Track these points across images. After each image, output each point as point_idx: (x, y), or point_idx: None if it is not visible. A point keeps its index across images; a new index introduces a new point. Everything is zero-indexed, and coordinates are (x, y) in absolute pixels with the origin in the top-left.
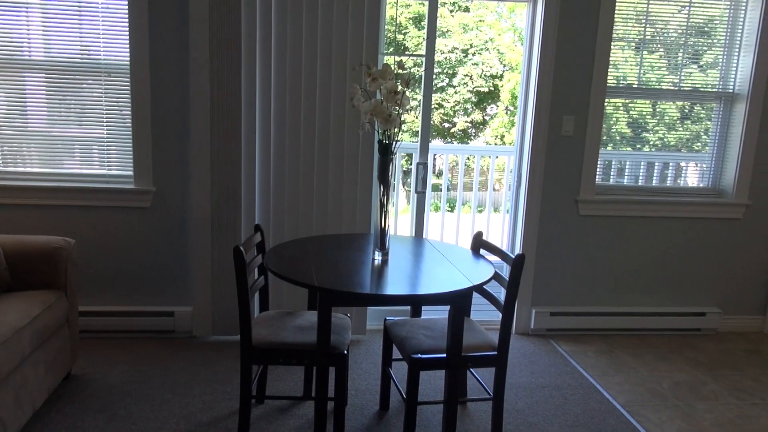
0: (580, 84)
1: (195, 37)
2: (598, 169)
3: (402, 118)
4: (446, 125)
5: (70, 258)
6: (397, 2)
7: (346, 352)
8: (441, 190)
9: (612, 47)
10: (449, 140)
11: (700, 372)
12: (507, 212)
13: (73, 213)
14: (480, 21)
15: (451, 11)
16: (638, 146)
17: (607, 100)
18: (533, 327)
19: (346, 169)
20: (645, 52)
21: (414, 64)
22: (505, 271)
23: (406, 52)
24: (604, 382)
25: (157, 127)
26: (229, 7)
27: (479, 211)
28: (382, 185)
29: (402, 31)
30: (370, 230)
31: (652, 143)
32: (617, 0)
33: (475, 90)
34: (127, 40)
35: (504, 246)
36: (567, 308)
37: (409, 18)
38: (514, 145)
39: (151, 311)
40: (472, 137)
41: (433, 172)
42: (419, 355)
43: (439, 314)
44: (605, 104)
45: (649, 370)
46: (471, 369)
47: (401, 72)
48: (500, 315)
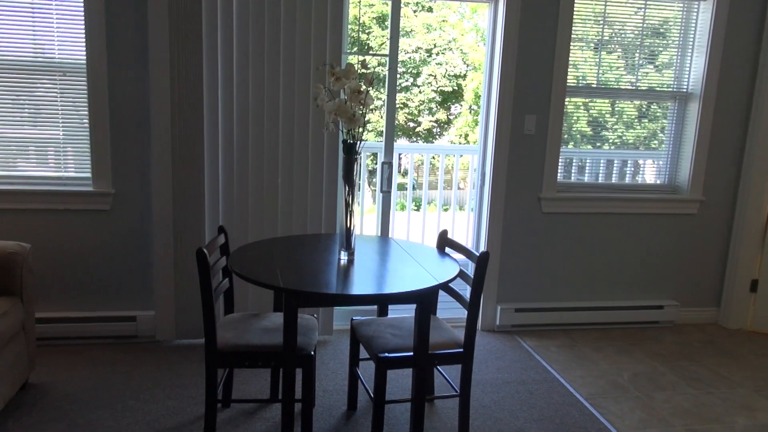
0: (541, 83)
1: (154, 36)
2: (560, 167)
3: (367, 118)
4: (411, 124)
5: (25, 263)
6: (360, 2)
7: (313, 353)
8: (406, 190)
9: (572, 47)
10: (414, 139)
11: (659, 363)
12: (472, 210)
13: (29, 217)
14: (443, 21)
15: (415, 11)
16: (598, 144)
17: (567, 99)
18: (498, 323)
19: (311, 169)
20: (603, 53)
21: (378, 64)
22: (471, 269)
23: (370, 52)
24: (567, 376)
25: (116, 127)
26: (189, 6)
27: (445, 210)
28: (347, 185)
29: (366, 31)
30: (336, 230)
31: (611, 141)
32: (576, 1)
33: (439, 89)
34: (84, 38)
35: (469, 244)
36: (531, 304)
37: (373, 18)
38: (478, 144)
39: (112, 316)
40: (436, 136)
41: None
42: (386, 354)
43: (406, 313)
44: (566, 103)
45: (610, 362)
46: (438, 367)
47: (365, 71)
48: (466, 312)
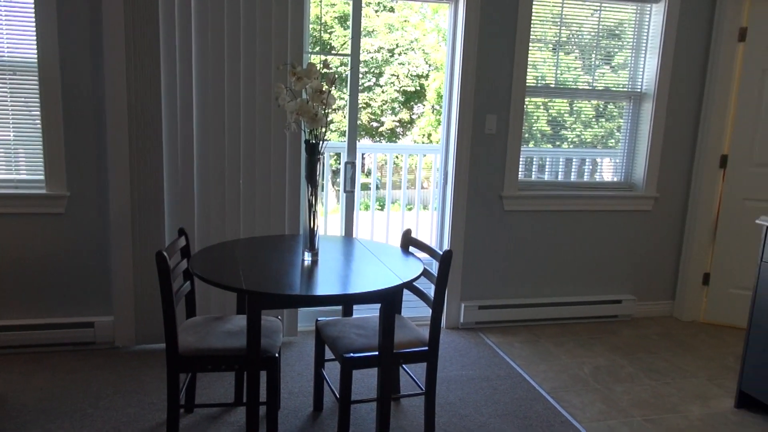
0: (501, 83)
1: (109, 34)
2: (521, 166)
3: (330, 118)
4: (374, 124)
5: None
6: (322, 1)
7: (277, 355)
8: (370, 189)
9: (531, 48)
10: (378, 139)
11: (618, 356)
12: (435, 210)
13: None
14: (405, 21)
15: (377, 11)
16: (558, 143)
17: (527, 99)
18: (463, 321)
19: (273, 170)
20: (562, 54)
21: (341, 63)
22: (435, 268)
23: (332, 52)
24: (530, 371)
25: (70, 127)
26: (145, 4)
27: (408, 209)
28: (310, 185)
29: (328, 30)
30: (300, 231)
31: (570, 140)
32: (534, 2)
33: (401, 89)
34: (34, 36)
35: (433, 243)
36: (494, 301)
37: (335, 17)
38: (440, 143)
39: (69, 323)
40: (400, 136)
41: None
42: (351, 354)
43: (371, 313)
44: (526, 103)
45: (572, 356)
46: (403, 365)
47: (327, 71)
48: (430, 311)
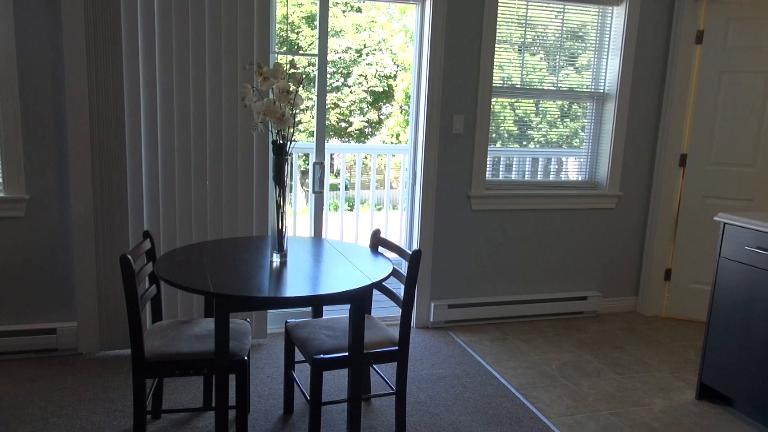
0: (468, 84)
1: (69, 33)
2: (488, 166)
3: (297, 118)
4: (343, 125)
5: None
6: (288, 1)
7: (246, 358)
8: (339, 190)
9: (497, 49)
10: (346, 140)
11: (584, 352)
12: (404, 209)
13: None
14: (372, 22)
15: (344, 11)
16: (524, 143)
17: (494, 99)
18: (432, 320)
19: (240, 171)
20: (527, 55)
21: (309, 64)
22: (404, 268)
23: (300, 52)
24: (499, 368)
25: (28, 128)
26: (106, 1)
27: (378, 209)
28: (277, 186)
29: (295, 30)
30: (268, 233)
31: (536, 140)
32: (500, 4)
33: (370, 90)
34: None
35: (402, 242)
36: (464, 300)
37: (302, 17)
38: (409, 143)
39: (30, 329)
40: (368, 136)
41: (332, 172)
42: (321, 356)
43: (341, 314)
44: (493, 103)
45: (539, 353)
46: (374, 365)
47: (294, 71)
48: (400, 310)
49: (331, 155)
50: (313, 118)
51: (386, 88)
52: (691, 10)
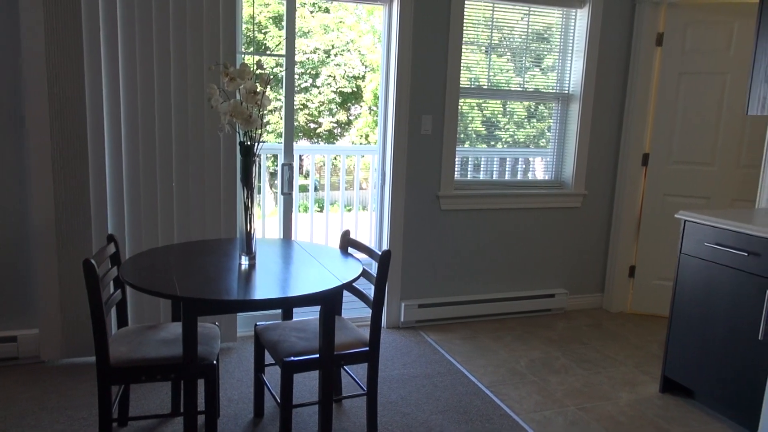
0: (436, 85)
1: (28, 33)
2: (456, 166)
3: (266, 119)
4: (312, 125)
5: None
6: (255, 1)
7: (215, 362)
8: (309, 191)
9: (464, 50)
10: (316, 140)
11: (552, 348)
12: (374, 210)
13: None
14: (341, 22)
15: (312, 12)
16: (492, 143)
17: (462, 100)
18: (403, 320)
19: (207, 173)
20: (494, 56)
21: (276, 64)
22: (374, 268)
23: (267, 52)
24: (469, 367)
25: None
26: (67, 1)
27: (347, 210)
28: (245, 188)
29: (262, 31)
30: (237, 235)
31: (504, 140)
32: (466, 5)
33: (338, 90)
34: None
35: (372, 243)
36: (434, 299)
37: (270, 17)
38: (378, 144)
39: None
40: (338, 137)
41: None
42: (292, 358)
43: (311, 315)
44: (460, 104)
45: (509, 351)
46: (345, 367)
47: (261, 72)
48: (371, 311)
49: (300, 156)
50: (281, 119)
51: (355, 89)
52: (651, 13)
